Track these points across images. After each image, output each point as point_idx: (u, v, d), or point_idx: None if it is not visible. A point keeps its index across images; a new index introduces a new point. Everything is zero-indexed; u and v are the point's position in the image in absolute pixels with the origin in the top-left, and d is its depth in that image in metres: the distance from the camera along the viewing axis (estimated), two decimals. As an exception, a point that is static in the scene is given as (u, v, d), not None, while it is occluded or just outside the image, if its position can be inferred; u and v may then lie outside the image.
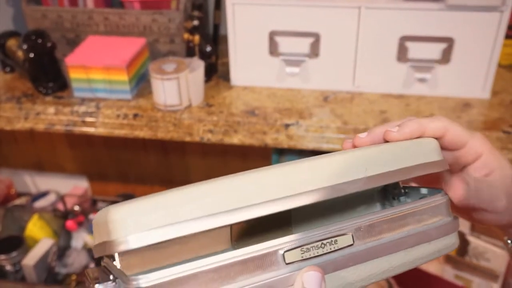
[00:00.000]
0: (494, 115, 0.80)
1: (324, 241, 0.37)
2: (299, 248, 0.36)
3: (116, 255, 0.34)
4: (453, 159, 0.44)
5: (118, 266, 0.35)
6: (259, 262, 0.34)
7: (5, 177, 1.32)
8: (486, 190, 0.43)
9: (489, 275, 0.95)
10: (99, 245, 0.34)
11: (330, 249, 0.38)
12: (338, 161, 0.38)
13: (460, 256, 0.97)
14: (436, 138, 0.43)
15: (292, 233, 0.42)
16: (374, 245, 0.40)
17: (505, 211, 0.44)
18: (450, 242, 0.43)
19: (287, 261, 0.35)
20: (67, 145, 1.29)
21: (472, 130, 0.75)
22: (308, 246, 0.37)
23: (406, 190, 0.49)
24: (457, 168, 0.45)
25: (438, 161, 0.44)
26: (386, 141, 0.43)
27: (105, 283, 0.33)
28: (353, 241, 0.38)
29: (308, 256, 0.36)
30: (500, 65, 0.90)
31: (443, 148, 0.44)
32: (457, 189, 0.42)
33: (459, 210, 0.45)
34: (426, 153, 0.43)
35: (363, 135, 0.43)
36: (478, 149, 0.43)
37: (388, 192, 0.51)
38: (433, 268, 1.00)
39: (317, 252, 0.37)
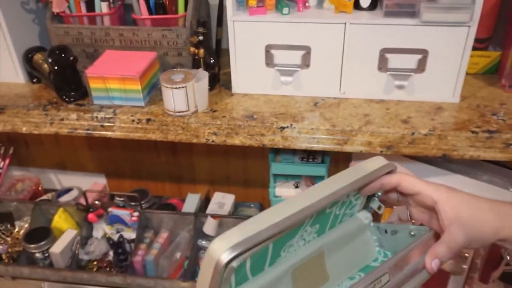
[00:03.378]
0: (463, 117, 0.80)
1: (374, 282, 0.46)
2: None
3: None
4: (420, 204, 0.51)
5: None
6: None
7: (33, 175, 1.32)
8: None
9: (459, 256, 0.95)
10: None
11: (379, 285, 0.47)
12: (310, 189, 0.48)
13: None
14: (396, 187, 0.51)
15: (329, 275, 0.53)
16: (399, 279, 0.48)
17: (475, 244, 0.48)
18: None
19: None
20: (87, 147, 1.29)
21: (445, 132, 0.76)
22: None
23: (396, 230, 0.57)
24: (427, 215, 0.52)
25: (384, 165, 0.52)
26: None
27: None
28: (389, 278, 0.47)
29: None
30: (467, 73, 0.90)
31: (402, 194, 0.52)
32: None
33: None
34: (374, 165, 0.52)
35: None
36: (433, 196, 0.48)
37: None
38: None
39: None
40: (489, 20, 0.89)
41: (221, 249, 0.40)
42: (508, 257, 0.53)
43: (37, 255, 1.06)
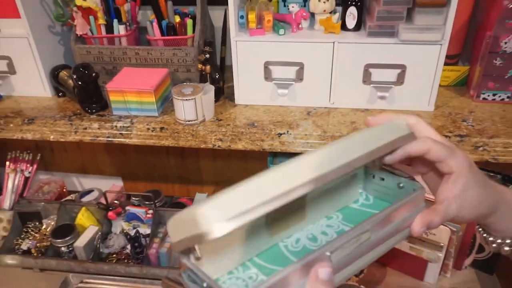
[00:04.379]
0: (437, 123, 0.80)
1: (353, 240, 0.38)
2: (340, 249, 0.37)
3: (196, 247, 0.35)
4: (435, 168, 0.43)
5: (198, 254, 0.36)
6: (312, 264, 0.36)
7: (58, 178, 1.31)
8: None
9: (436, 246, 0.95)
10: (184, 240, 0.34)
11: (357, 244, 0.39)
12: (323, 154, 0.37)
13: None
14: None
15: (306, 215, 0.45)
16: (379, 236, 0.40)
17: (465, 219, 0.44)
18: None
19: (332, 259, 0.36)
20: (106, 152, 1.28)
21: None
22: (344, 246, 0.38)
23: (384, 177, 0.48)
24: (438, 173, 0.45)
25: (406, 135, 0.42)
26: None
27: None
28: (370, 236, 0.40)
29: (344, 254, 0.38)
30: (440, 85, 0.90)
31: (427, 160, 0.43)
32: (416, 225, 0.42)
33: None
34: (395, 131, 0.42)
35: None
36: (453, 168, 0.42)
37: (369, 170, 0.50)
38: None
39: (349, 249, 0.38)
40: (459, 39, 0.90)
41: (213, 221, 0.32)
42: (485, 237, 0.50)
43: (63, 249, 1.05)
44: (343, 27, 0.83)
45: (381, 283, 1.00)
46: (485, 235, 0.50)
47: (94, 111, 0.88)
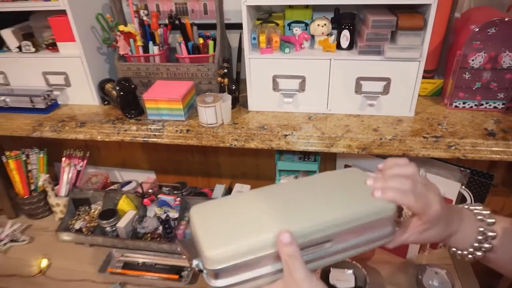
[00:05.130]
0: (417, 126, 0.79)
1: (316, 246, 0.40)
2: (303, 250, 0.39)
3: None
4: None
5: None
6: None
7: (104, 171, 1.32)
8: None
9: None
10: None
11: (319, 250, 0.41)
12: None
13: (397, 218, 0.95)
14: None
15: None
16: (341, 247, 0.42)
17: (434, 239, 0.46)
18: (388, 240, 0.46)
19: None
20: (141, 151, 1.28)
21: (404, 137, 0.76)
22: (308, 249, 0.40)
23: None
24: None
25: (388, 233, 0.44)
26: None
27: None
28: (332, 246, 0.41)
29: (306, 255, 0.40)
30: (420, 95, 0.90)
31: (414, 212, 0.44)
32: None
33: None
34: (381, 213, 0.43)
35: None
36: (426, 217, 0.43)
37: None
38: None
39: (311, 253, 0.40)
40: (434, 57, 0.89)
41: (212, 260, 0.37)
42: (453, 249, 0.51)
43: (107, 228, 1.06)
44: (338, 46, 0.83)
45: (370, 260, 0.99)
46: (450, 248, 0.51)
47: (133, 116, 0.89)
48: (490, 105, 0.84)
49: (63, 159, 1.19)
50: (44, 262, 1.03)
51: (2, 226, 1.18)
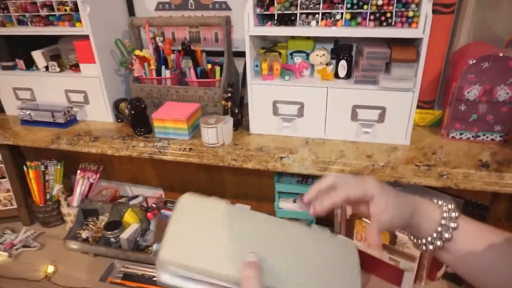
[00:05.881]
0: (411, 155, 0.80)
1: None
2: None
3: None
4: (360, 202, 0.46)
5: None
6: None
7: (114, 185, 1.36)
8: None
9: (410, 257, 0.92)
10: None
11: None
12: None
13: (392, 245, 0.95)
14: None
15: None
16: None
17: (393, 226, 0.46)
18: None
19: None
20: (152, 168, 1.31)
21: (396, 164, 0.76)
22: None
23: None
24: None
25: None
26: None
27: None
28: None
29: None
30: (419, 125, 0.90)
31: (351, 202, 0.46)
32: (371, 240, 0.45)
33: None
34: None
35: (304, 199, 0.47)
36: (371, 193, 0.45)
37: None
38: (376, 253, 0.98)
39: None
40: (433, 88, 0.90)
41: (163, 261, 0.37)
42: (413, 241, 0.51)
43: (112, 239, 1.09)
44: (336, 75, 0.85)
45: (366, 287, 0.97)
46: (413, 238, 0.50)
47: (142, 133, 0.93)
48: (487, 137, 0.84)
49: (78, 171, 1.25)
50: (50, 268, 1.07)
51: (17, 232, 1.24)
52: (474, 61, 0.77)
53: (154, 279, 1.01)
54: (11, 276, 1.07)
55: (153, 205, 1.15)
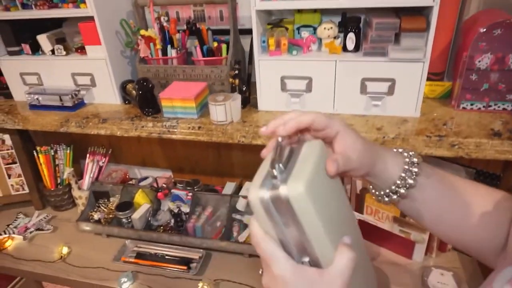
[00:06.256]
0: (422, 126, 0.79)
1: None
2: None
3: None
4: (324, 137, 0.41)
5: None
6: None
7: (124, 168, 1.37)
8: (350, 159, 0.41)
9: (421, 228, 0.93)
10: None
11: None
12: None
13: (402, 217, 0.95)
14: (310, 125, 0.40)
15: None
16: None
17: (359, 167, 0.42)
18: None
19: None
20: (161, 149, 1.32)
21: (407, 136, 0.76)
22: None
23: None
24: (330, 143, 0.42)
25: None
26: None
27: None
28: None
29: None
30: (428, 97, 0.90)
31: (315, 130, 0.41)
32: (331, 165, 0.38)
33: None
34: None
35: (264, 128, 0.42)
36: (336, 127, 0.40)
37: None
38: (386, 226, 0.98)
39: None
40: (442, 59, 0.89)
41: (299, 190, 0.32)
42: (373, 192, 0.48)
43: (123, 220, 1.10)
44: (344, 49, 0.85)
45: (376, 260, 0.98)
46: (372, 189, 0.48)
47: (150, 114, 0.93)
48: (499, 107, 0.83)
49: (87, 155, 1.26)
50: (65, 250, 1.09)
51: (30, 216, 1.26)
52: (485, 29, 0.76)
53: (166, 257, 1.03)
54: (27, 258, 1.10)
55: (163, 185, 1.16)
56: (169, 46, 0.98)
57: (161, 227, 1.09)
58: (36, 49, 1.07)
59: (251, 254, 1.00)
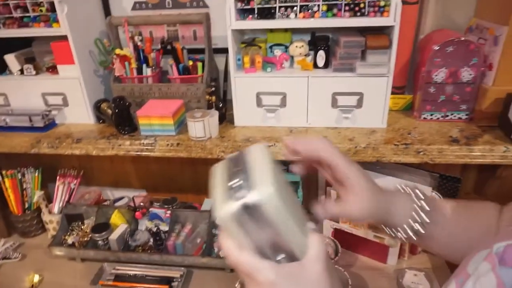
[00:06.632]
0: (389, 136, 0.85)
1: None
2: None
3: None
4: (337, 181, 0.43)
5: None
6: None
7: (97, 189, 1.33)
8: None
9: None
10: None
11: None
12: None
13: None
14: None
15: None
16: None
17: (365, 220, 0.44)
18: None
19: None
20: (133, 169, 1.29)
21: (377, 145, 0.81)
22: None
23: None
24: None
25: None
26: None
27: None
28: None
29: None
30: (392, 110, 0.96)
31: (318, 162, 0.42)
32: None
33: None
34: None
35: (288, 141, 0.43)
36: (347, 173, 0.41)
37: None
38: (361, 233, 1.02)
39: None
40: (403, 75, 0.96)
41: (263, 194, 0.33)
42: (390, 233, 0.49)
43: (100, 242, 1.06)
44: (315, 65, 0.89)
45: (353, 266, 1.01)
46: (389, 231, 0.49)
47: (126, 132, 0.93)
48: (454, 116, 0.91)
49: (57, 177, 1.22)
50: (36, 278, 1.03)
51: (-5, 245, 1.18)
52: (439, 47, 0.84)
53: (147, 277, 1.00)
54: (-7, 289, 1.02)
55: (141, 204, 1.14)
56: (144, 65, 0.99)
57: (140, 247, 1.07)
58: (3, 69, 1.03)
59: (232, 269, 1.00)
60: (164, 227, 1.09)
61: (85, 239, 1.12)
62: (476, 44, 0.83)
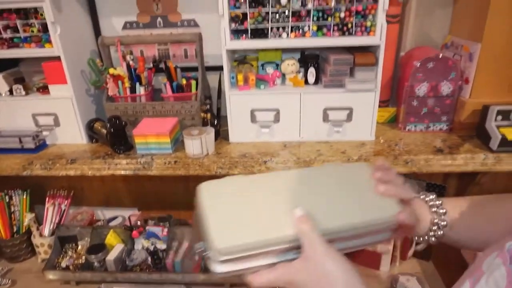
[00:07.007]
0: (378, 148, 0.89)
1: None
2: None
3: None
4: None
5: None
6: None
7: (89, 209, 1.31)
8: None
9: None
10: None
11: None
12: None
13: None
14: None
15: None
16: (340, 247, 0.43)
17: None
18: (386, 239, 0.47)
19: None
20: (125, 188, 1.28)
21: (368, 157, 0.84)
22: None
23: None
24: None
25: (385, 238, 0.45)
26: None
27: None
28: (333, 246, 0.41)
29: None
30: (378, 122, 1.00)
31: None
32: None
33: None
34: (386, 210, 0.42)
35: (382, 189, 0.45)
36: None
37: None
38: None
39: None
40: (387, 89, 1.02)
41: (220, 252, 0.37)
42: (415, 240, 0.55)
43: (96, 264, 1.04)
44: (306, 82, 0.92)
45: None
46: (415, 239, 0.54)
47: (122, 151, 0.92)
48: (436, 127, 0.97)
49: (47, 199, 1.19)
50: (28, 304, 1.00)
51: (-19, 272, 1.13)
52: (420, 63, 0.90)
53: (145, 297, 0.99)
54: (-18, 318, 0.98)
55: (138, 222, 1.12)
56: (137, 84, 0.99)
57: (138, 267, 1.05)
58: (-10, 90, 1.01)
59: (232, 284, 1.01)
60: (161, 245, 1.08)
61: (80, 261, 1.09)
62: (454, 60, 0.89)
